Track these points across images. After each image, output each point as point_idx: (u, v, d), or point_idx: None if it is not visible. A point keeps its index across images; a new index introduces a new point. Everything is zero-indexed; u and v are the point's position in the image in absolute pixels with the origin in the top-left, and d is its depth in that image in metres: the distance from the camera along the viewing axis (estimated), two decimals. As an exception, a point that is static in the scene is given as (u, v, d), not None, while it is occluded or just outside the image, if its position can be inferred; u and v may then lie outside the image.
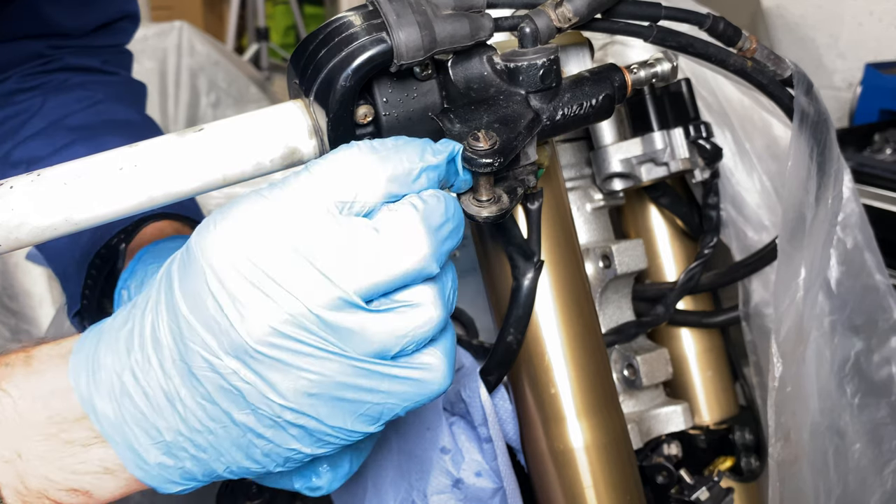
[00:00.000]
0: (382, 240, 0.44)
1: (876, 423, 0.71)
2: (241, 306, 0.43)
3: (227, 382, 0.44)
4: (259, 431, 0.45)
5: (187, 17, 3.02)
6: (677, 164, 0.77)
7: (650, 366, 0.78)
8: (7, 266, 1.61)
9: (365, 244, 0.44)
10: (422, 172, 0.46)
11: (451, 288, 0.48)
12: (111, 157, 0.48)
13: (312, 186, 0.44)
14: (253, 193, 0.45)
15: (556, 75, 0.52)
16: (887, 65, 1.59)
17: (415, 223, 0.44)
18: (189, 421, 0.45)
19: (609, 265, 0.77)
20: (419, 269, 0.45)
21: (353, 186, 0.45)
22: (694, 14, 0.61)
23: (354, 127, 0.51)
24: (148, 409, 0.45)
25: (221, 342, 0.43)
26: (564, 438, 0.66)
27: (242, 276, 0.43)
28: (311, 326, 0.43)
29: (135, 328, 0.46)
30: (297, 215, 0.44)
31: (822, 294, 0.69)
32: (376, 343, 0.44)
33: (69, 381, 0.46)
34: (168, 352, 0.44)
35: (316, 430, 0.45)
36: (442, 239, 0.46)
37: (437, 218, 0.45)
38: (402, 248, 0.44)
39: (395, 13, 0.48)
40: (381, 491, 0.72)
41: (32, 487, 0.46)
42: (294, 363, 0.43)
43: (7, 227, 0.46)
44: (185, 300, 0.44)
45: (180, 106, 2.59)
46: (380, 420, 0.47)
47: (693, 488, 0.75)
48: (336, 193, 0.44)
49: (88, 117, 0.87)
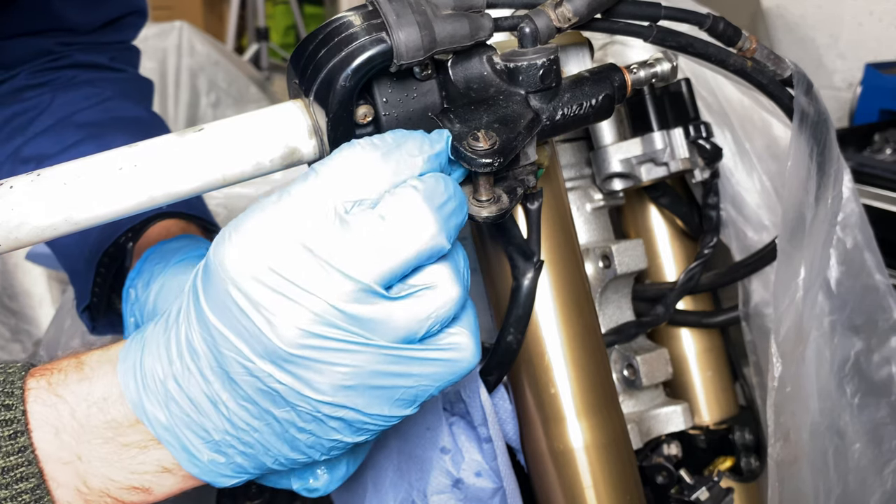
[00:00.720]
0: (390, 225, 0.45)
1: (876, 423, 0.71)
2: (267, 312, 0.44)
3: (265, 385, 0.45)
4: (301, 426, 0.47)
5: (187, 17, 3.02)
6: (677, 164, 0.77)
7: (650, 366, 0.78)
8: (7, 266, 1.61)
9: (374, 233, 0.45)
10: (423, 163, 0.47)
11: (465, 265, 0.49)
12: (111, 157, 0.48)
13: (319, 189, 0.45)
14: (263, 202, 0.46)
15: (555, 75, 0.52)
16: (887, 65, 1.59)
17: (418, 203, 0.45)
18: (234, 421, 0.47)
19: (609, 265, 0.77)
20: (431, 247, 0.46)
21: (359, 185, 0.46)
22: (694, 14, 0.61)
23: (354, 127, 0.51)
24: (194, 413, 0.47)
25: (254, 348, 0.44)
26: (564, 438, 0.66)
27: (263, 284, 0.44)
28: (338, 322, 0.44)
29: (171, 338, 0.48)
30: (307, 219, 0.45)
31: (821, 294, 0.69)
32: (402, 329, 0.45)
33: (120, 387, 0.48)
34: (205, 360, 0.46)
35: (355, 420, 0.47)
36: (447, 215, 0.46)
37: (440, 196, 0.46)
38: (410, 228, 0.45)
39: (394, 13, 0.48)
40: (381, 491, 0.72)
41: (94, 486, 0.48)
42: (326, 359, 0.44)
43: (7, 227, 0.47)
44: (212, 311, 0.45)
45: (180, 106, 2.59)
46: (416, 402, 0.48)
47: (693, 488, 0.75)
48: (343, 193, 0.45)
49: (97, 114, 0.87)
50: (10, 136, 0.88)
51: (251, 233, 0.45)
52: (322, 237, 0.44)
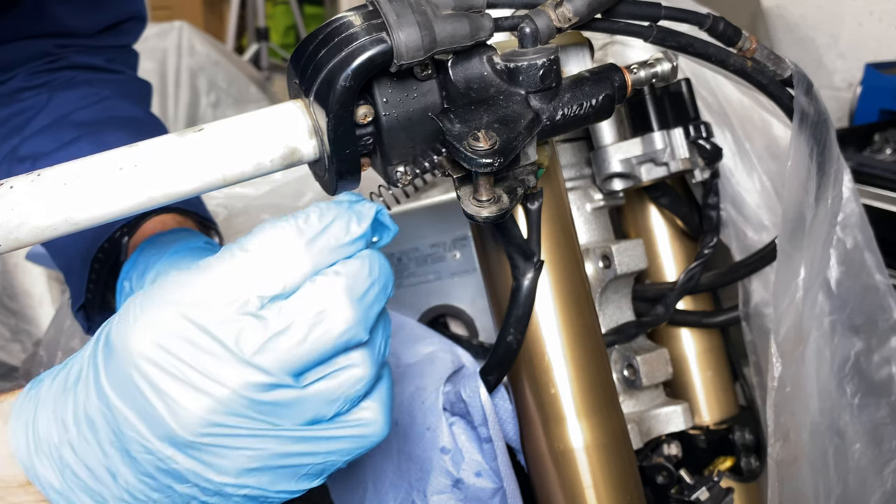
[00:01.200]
0: (305, 319, 0.44)
1: (876, 423, 0.71)
2: (169, 399, 0.43)
3: (166, 465, 0.44)
4: (203, 499, 0.46)
5: (187, 17, 3.01)
6: (677, 164, 0.77)
7: (650, 366, 0.78)
8: (7, 266, 1.61)
9: (287, 327, 0.44)
10: (349, 245, 0.46)
11: (383, 340, 0.48)
12: (111, 157, 0.48)
13: (235, 276, 0.44)
14: (175, 277, 0.45)
15: (556, 75, 0.52)
16: (887, 65, 1.59)
17: (337, 295, 0.44)
18: (133, 492, 0.45)
19: (609, 265, 0.77)
20: (347, 340, 0.45)
21: (277, 275, 0.44)
22: (694, 14, 0.61)
23: (354, 127, 0.51)
24: (91, 480, 0.45)
25: (155, 431, 0.43)
26: (564, 438, 0.66)
27: (166, 371, 0.43)
28: (242, 410, 0.43)
29: (69, 404, 0.46)
30: (219, 307, 0.43)
31: (821, 294, 0.69)
32: (310, 412, 0.45)
33: (10, 447, 0.46)
34: (104, 434, 0.45)
35: (259, 495, 0.46)
36: (368, 305, 0.45)
37: (362, 284, 0.45)
38: (326, 323, 0.44)
39: (395, 13, 0.48)
40: (381, 491, 0.72)
41: None
42: (230, 445, 0.44)
43: (7, 227, 0.46)
44: (113, 390, 0.44)
45: (180, 106, 2.59)
46: (322, 475, 0.47)
47: (693, 488, 0.75)
48: (259, 284, 0.44)
49: (94, 113, 0.87)
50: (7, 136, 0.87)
51: (159, 315, 0.44)
52: (232, 327, 0.43)
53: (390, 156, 0.52)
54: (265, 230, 0.46)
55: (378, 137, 0.52)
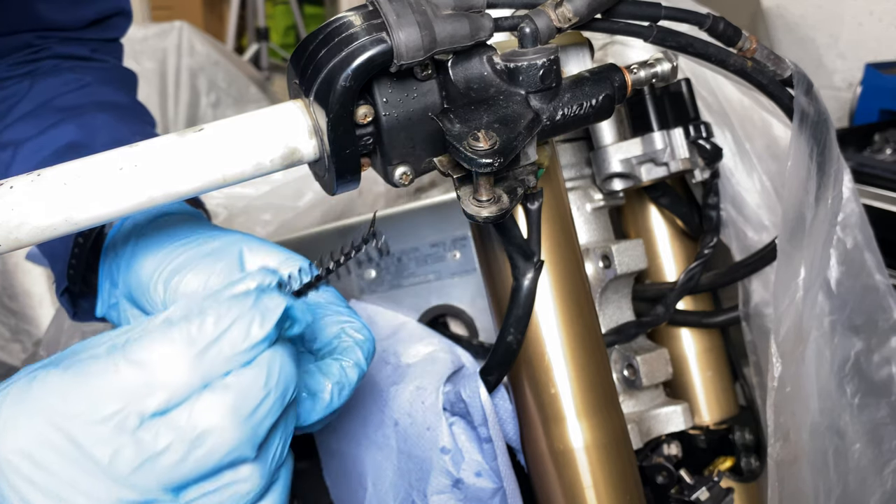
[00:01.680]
0: (184, 439, 0.42)
1: (876, 423, 0.71)
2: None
3: None
4: None
5: (187, 17, 3.02)
6: (677, 164, 0.77)
7: (650, 366, 0.78)
8: (7, 266, 1.61)
9: (166, 446, 0.41)
10: (246, 352, 0.43)
11: (279, 446, 0.46)
12: (111, 157, 0.48)
13: (114, 392, 0.42)
14: (54, 378, 0.42)
15: (555, 75, 0.52)
16: (887, 65, 1.59)
17: (221, 416, 0.42)
18: None
19: (609, 265, 0.77)
20: (230, 460, 0.43)
21: (160, 391, 0.42)
22: (694, 14, 0.61)
23: (354, 127, 0.51)
24: None
25: None
26: (564, 438, 0.66)
27: (34, 484, 0.41)
28: None
29: None
30: (94, 424, 0.41)
31: (821, 294, 0.69)
32: None
33: None
34: None
35: None
36: (257, 422, 0.43)
37: (253, 399, 0.43)
38: (207, 445, 0.42)
39: (395, 13, 0.48)
40: (381, 491, 0.72)
41: None
42: None
43: (7, 227, 0.46)
44: None
45: (180, 106, 2.59)
46: None
47: (693, 488, 0.75)
48: (139, 403, 0.42)
49: (77, 98, 0.86)
50: None
51: (31, 421, 0.41)
52: (108, 447, 0.41)
53: (390, 156, 0.52)
54: (154, 339, 0.42)
55: (378, 137, 0.52)
